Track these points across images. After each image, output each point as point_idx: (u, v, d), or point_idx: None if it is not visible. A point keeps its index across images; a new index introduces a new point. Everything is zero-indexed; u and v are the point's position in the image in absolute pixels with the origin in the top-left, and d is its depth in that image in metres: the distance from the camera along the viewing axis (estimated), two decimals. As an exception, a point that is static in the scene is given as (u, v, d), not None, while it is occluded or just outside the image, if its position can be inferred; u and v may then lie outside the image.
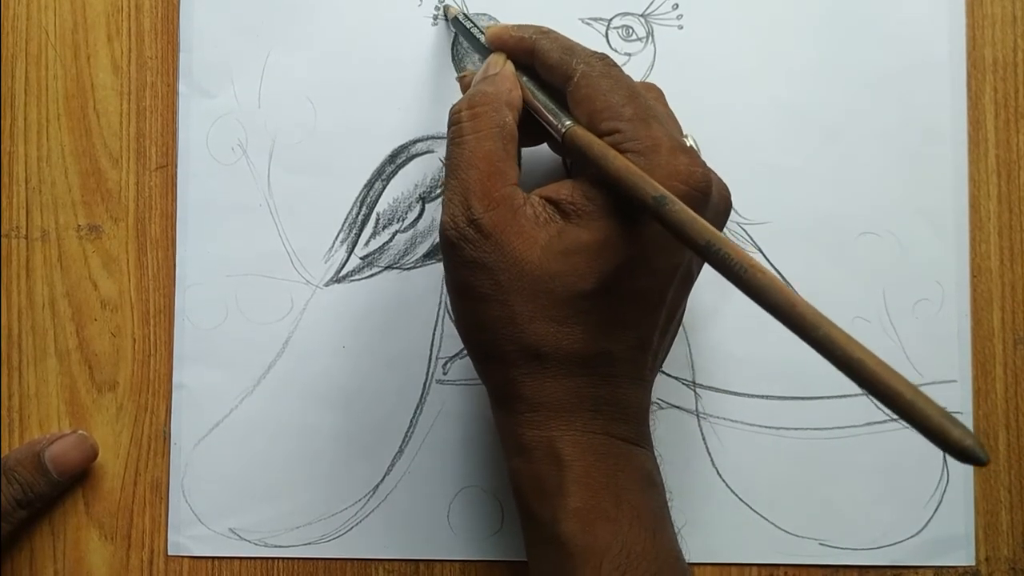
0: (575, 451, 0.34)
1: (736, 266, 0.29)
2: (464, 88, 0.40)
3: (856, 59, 0.45)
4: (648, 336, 0.35)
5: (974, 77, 0.45)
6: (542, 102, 0.37)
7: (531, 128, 0.37)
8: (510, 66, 0.38)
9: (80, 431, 0.44)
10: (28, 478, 0.42)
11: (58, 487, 0.43)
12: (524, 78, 0.38)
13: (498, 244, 0.34)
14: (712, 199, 0.34)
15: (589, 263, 0.33)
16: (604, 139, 0.34)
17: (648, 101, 0.35)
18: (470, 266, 0.34)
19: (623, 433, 0.35)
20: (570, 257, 0.33)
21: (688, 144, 0.35)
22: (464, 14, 0.43)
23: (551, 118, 0.36)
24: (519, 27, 0.39)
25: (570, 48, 0.37)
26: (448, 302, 0.45)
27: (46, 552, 0.44)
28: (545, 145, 0.41)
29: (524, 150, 0.39)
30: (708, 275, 0.45)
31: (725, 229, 0.38)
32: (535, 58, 0.38)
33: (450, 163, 0.36)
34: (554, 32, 0.38)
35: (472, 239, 0.34)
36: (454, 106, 0.37)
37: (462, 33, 0.43)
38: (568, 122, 0.35)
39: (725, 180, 0.42)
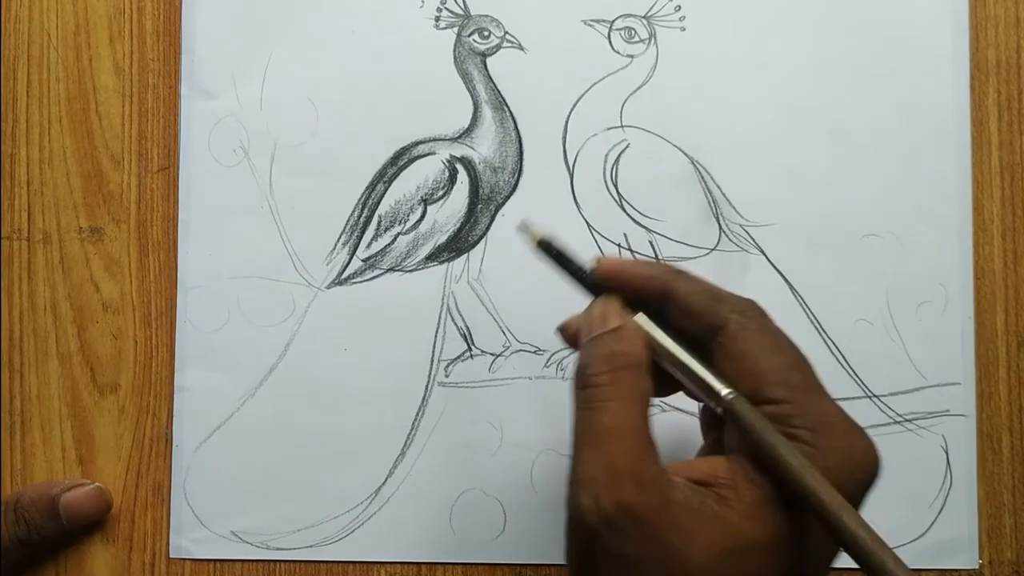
0: None
1: None
2: (569, 338, 0.34)
3: (859, 61, 0.45)
4: None
5: (977, 79, 0.45)
6: (690, 362, 0.31)
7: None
8: (634, 321, 0.32)
9: (97, 484, 0.44)
10: (38, 521, 0.42)
11: (66, 534, 0.43)
12: (658, 330, 0.32)
13: (653, 537, 0.28)
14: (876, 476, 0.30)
15: (762, 565, 0.28)
16: (765, 407, 0.30)
17: (811, 366, 0.31)
18: (618, 562, 0.28)
19: None
20: (739, 557, 0.28)
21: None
22: (551, 238, 0.34)
23: (709, 383, 0.31)
24: (644, 264, 0.34)
25: (716, 293, 0.32)
26: (451, 308, 0.45)
27: (48, 554, 0.44)
28: None
29: None
30: (708, 276, 0.45)
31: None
32: (671, 301, 0.32)
33: (587, 431, 0.30)
34: (690, 272, 0.33)
35: (623, 528, 0.28)
36: (584, 365, 0.31)
37: (548, 261, 0.34)
38: (728, 390, 0.30)
39: (728, 183, 0.42)
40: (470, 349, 0.45)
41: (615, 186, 0.45)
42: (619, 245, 0.45)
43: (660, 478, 0.29)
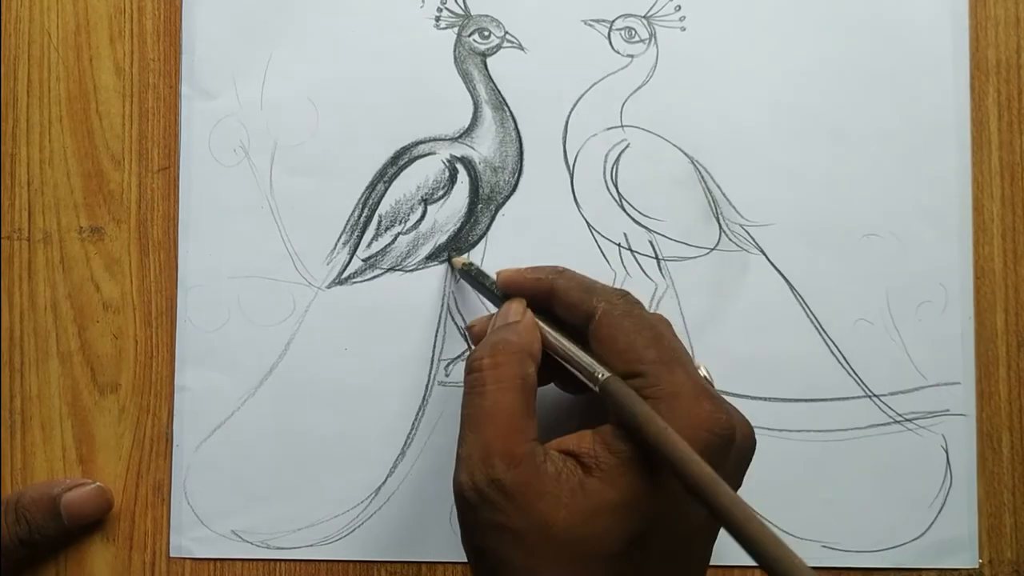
0: None
1: (757, 541, 0.28)
2: (475, 336, 0.39)
3: (859, 61, 0.45)
4: None
5: (977, 79, 0.45)
6: (571, 351, 0.36)
7: (542, 372, 0.36)
8: (531, 315, 0.37)
9: (98, 483, 0.44)
10: (39, 520, 0.42)
11: (66, 533, 0.43)
12: (545, 325, 0.37)
13: (522, 507, 0.31)
14: (736, 442, 0.33)
15: (617, 523, 0.31)
16: (626, 381, 0.33)
17: (672, 343, 0.35)
18: (492, 530, 0.32)
19: None
20: (597, 518, 0.31)
21: (703, 374, 0.35)
22: (471, 263, 0.43)
23: (585, 367, 0.35)
24: (533, 269, 0.39)
25: (589, 286, 0.37)
26: (451, 307, 0.45)
27: (48, 553, 0.44)
28: None
29: None
30: (709, 278, 0.45)
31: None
32: (554, 298, 0.37)
33: (468, 414, 0.34)
34: (570, 271, 0.38)
35: (494, 501, 0.32)
36: (473, 352, 0.36)
37: (470, 282, 0.43)
38: (603, 372, 0.34)
39: (728, 182, 0.42)
40: (470, 348, 0.45)
41: (615, 186, 0.45)
42: (619, 245, 0.45)
43: (531, 454, 0.32)
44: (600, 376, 0.34)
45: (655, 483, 0.32)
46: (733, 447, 0.33)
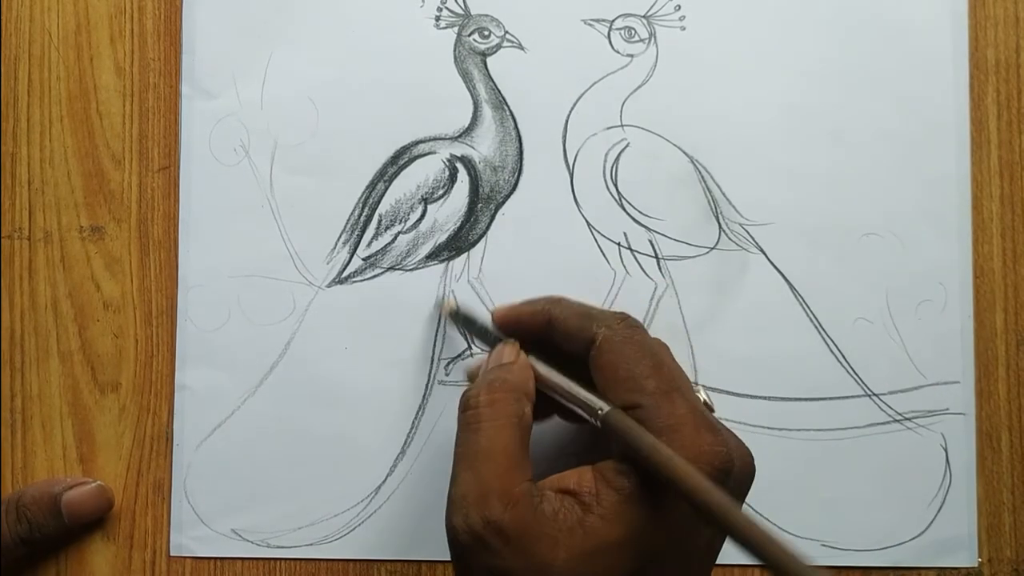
0: None
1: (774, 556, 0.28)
2: (470, 374, 0.39)
3: (859, 60, 0.45)
4: None
5: (976, 78, 0.45)
6: (570, 388, 0.35)
7: (540, 406, 0.36)
8: (524, 356, 0.37)
9: (99, 482, 0.44)
10: (40, 519, 0.42)
11: (67, 532, 0.43)
12: (540, 364, 0.37)
13: (520, 549, 0.31)
14: (733, 473, 0.33)
15: (617, 561, 0.31)
16: (626, 412, 0.33)
17: (672, 370, 0.34)
18: (489, 574, 0.31)
19: None
20: (597, 557, 0.31)
21: (702, 399, 0.34)
22: (457, 309, 0.43)
23: (586, 403, 0.34)
24: (528, 302, 0.38)
25: (587, 313, 0.36)
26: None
27: (48, 552, 0.44)
28: None
29: None
30: (709, 277, 0.45)
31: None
32: (552, 328, 0.37)
33: (463, 452, 0.33)
34: (566, 298, 0.38)
35: (490, 543, 0.31)
36: (469, 390, 0.35)
37: (463, 325, 0.43)
38: (603, 406, 0.34)
39: (728, 182, 0.42)
40: (470, 348, 0.45)
41: (615, 185, 0.45)
42: (619, 244, 0.45)
43: (528, 494, 0.32)
44: (600, 411, 0.34)
45: (657, 516, 0.31)
46: (731, 477, 0.32)
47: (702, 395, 0.36)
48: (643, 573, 0.31)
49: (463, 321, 0.42)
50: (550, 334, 0.37)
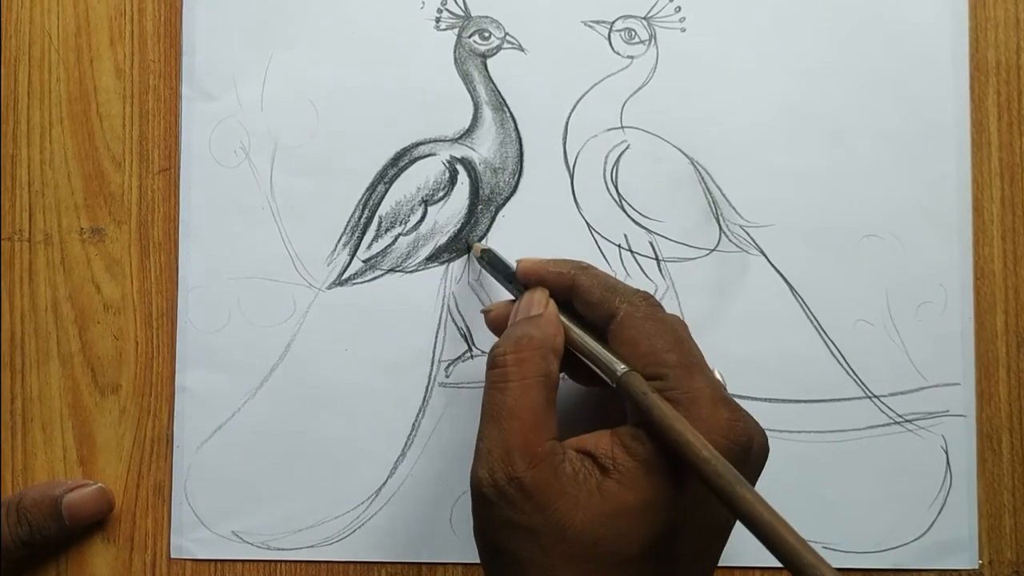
0: None
1: (784, 545, 0.28)
2: (491, 321, 0.39)
3: (859, 61, 0.45)
4: None
5: (977, 79, 0.45)
6: (592, 346, 0.36)
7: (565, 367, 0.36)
8: (554, 307, 0.37)
9: (99, 484, 0.44)
10: (40, 521, 0.42)
11: (67, 534, 0.43)
12: (566, 319, 0.37)
13: (541, 506, 0.31)
14: (752, 450, 0.33)
15: (634, 527, 0.31)
16: (648, 382, 0.33)
17: (692, 347, 0.35)
18: (509, 527, 0.32)
19: None
20: (614, 520, 0.31)
21: (718, 378, 0.35)
22: (489, 249, 0.42)
23: (605, 363, 0.35)
24: (556, 262, 0.38)
25: (612, 286, 0.36)
26: (451, 309, 0.45)
27: (49, 554, 0.44)
28: None
29: None
30: (709, 279, 0.45)
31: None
32: (574, 294, 0.37)
33: (490, 409, 0.34)
34: (593, 267, 0.38)
35: (513, 499, 0.32)
36: (496, 347, 0.35)
37: (489, 266, 0.42)
38: (622, 367, 0.34)
39: (728, 183, 0.42)
40: (470, 350, 0.45)
41: (615, 187, 0.45)
42: (619, 246, 0.45)
43: (551, 453, 0.32)
44: (619, 372, 0.34)
45: (674, 486, 0.32)
46: (750, 454, 0.33)
47: (717, 375, 0.36)
48: (660, 543, 0.32)
49: (491, 264, 0.41)
50: (572, 299, 0.37)
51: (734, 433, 0.32)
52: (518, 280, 0.40)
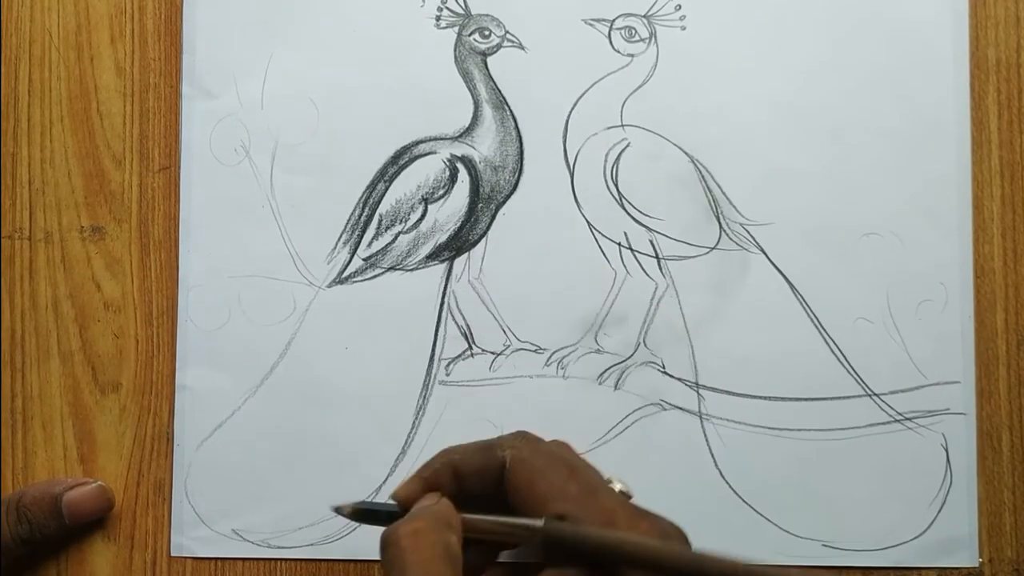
0: None
1: None
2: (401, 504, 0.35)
3: (859, 60, 0.45)
4: None
5: (977, 78, 0.45)
6: (494, 520, 0.33)
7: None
8: (445, 500, 0.33)
9: (99, 482, 0.44)
10: (40, 520, 0.42)
11: (67, 532, 0.43)
12: (457, 515, 0.33)
13: None
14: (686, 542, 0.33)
15: None
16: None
17: (586, 469, 0.34)
18: None
19: None
20: None
21: (618, 490, 0.34)
22: (353, 507, 0.35)
23: (518, 525, 0.32)
24: (423, 469, 0.34)
25: (486, 444, 0.34)
26: (451, 307, 0.45)
27: (49, 552, 0.44)
28: None
29: None
30: (709, 277, 0.45)
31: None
32: (458, 476, 0.34)
33: None
34: (455, 445, 0.35)
35: None
36: (386, 530, 0.31)
37: (366, 521, 0.35)
38: (538, 521, 0.32)
39: (728, 182, 0.42)
40: (471, 348, 0.45)
41: (615, 185, 0.45)
42: (619, 244, 0.45)
43: None
44: (540, 523, 0.32)
45: None
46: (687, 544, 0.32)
47: (618, 486, 0.35)
48: None
49: (363, 515, 0.35)
50: (460, 485, 0.34)
51: (665, 535, 0.31)
52: (403, 507, 0.34)
